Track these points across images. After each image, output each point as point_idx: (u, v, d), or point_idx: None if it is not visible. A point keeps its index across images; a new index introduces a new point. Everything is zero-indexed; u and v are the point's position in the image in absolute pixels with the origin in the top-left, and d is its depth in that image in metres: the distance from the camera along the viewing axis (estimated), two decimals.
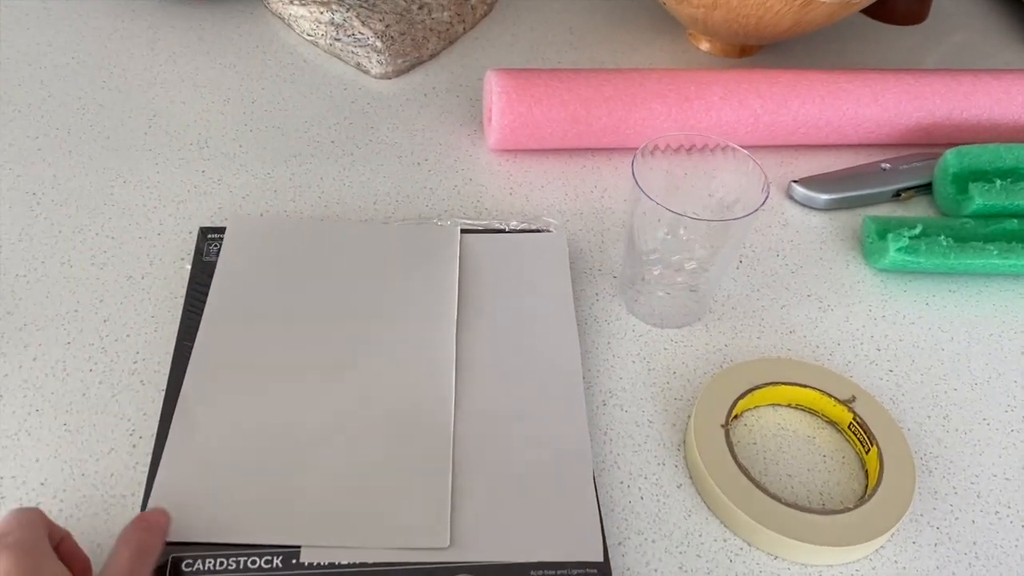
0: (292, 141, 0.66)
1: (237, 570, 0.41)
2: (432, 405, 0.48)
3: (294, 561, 0.41)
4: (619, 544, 0.45)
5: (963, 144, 0.65)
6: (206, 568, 0.41)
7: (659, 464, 0.48)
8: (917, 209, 0.66)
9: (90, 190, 0.61)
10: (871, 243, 0.60)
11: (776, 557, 0.44)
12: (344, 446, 0.46)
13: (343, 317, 0.52)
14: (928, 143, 0.70)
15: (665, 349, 0.54)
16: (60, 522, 0.43)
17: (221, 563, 0.41)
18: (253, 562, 0.41)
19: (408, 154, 0.66)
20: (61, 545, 0.38)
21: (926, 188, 0.66)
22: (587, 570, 0.42)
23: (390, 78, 0.73)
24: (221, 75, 0.72)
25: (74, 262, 0.56)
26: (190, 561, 0.41)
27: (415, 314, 0.53)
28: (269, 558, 0.41)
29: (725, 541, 0.45)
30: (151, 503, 0.43)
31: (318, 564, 0.41)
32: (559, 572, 0.42)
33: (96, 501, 0.44)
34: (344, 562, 0.41)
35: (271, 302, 0.52)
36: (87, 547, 0.41)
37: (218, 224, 0.58)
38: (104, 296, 0.54)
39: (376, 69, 0.73)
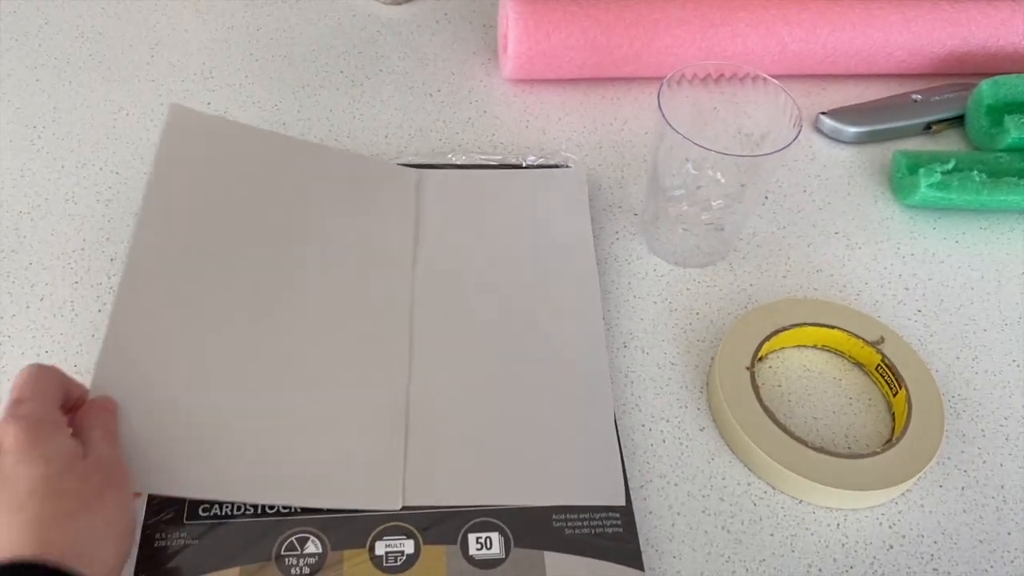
0: (299, 71, 0.64)
1: (256, 514, 0.40)
2: (386, 365, 0.46)
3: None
4: (641, 487, 0.44)
5: (999, 74, 0.62)
6: (224, 512, 0.40)
7: (682, 407, 0.47)
8: (949, 143, 0.64)
9: (92, 123, 0.58)
10: (901, 178, 0.58)
11: (801, 501, 0.44)
12: (291, 390, 0.43)
13: (296, 247, 0.48)
14: (962, 73, 0.67)
15: (688, 289, 0.53)
16: None
17: (239, 507, 0.40)
18: (271, 506, 0.41)
19: (419, 84, 0.64)
20: (78, 404, 0.39)
21: (959, 120, 0.64)
22: (609, 514, 0.42)
23: (400, 3, 0.70)
24: (225, 1, 0.69)
25: (78, 198, 0.54)
26: (207, 505, 0.40)
27: (372, 260, 0.49)
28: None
29: (749, 484, 0.44)
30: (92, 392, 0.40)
31: (337, 508, 0.41)
32: (581, 516, 0.42)
33: None
34: (363, 508, 0.41)
35: (214, 218, 0.47)
36: None
37: None
38: (111, 234, 0.52)
39: None
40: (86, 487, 0.34)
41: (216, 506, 0.40)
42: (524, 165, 0.57)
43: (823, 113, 0.63)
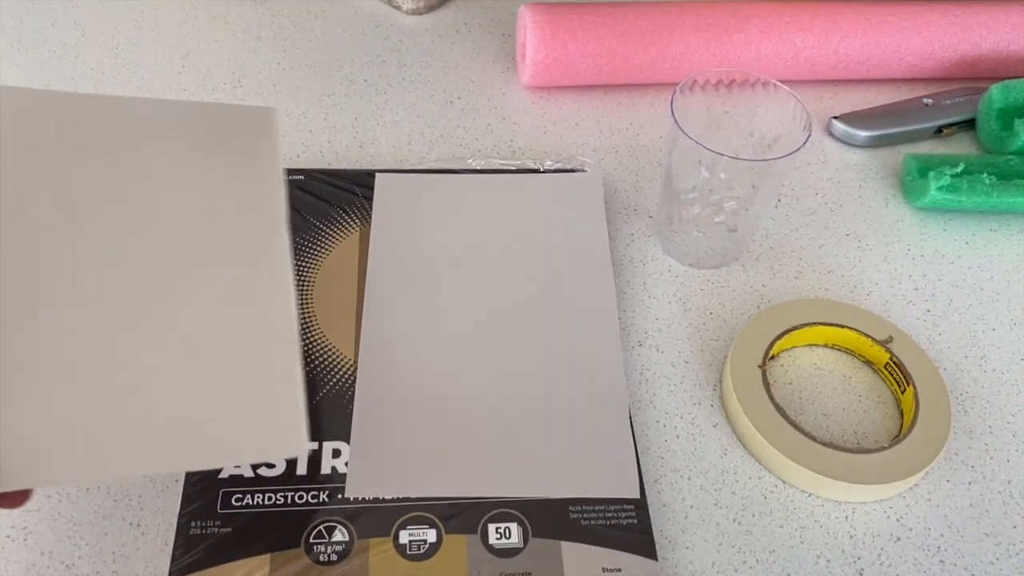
0: (325, 80, 0.66)
1: (286, 504, 0.42)
2: (267, 296, 0.41)
3: (340, 496, 0.43)
4: (655, 481, 0.45)
5: (1009, 78, 0.63)
6: (255, 502, 0.42)
7: (695, 404, 0.49)
8: (960, 146, 0.65)
9: None
10: (911, 181, 0.59)
11: (811, 495, 0.45)
12: (159, 342, 0.38)
13: (139, 214, 0.41)
14: (973, 77, 0.68)
15: (701, 290, 0.54)
16: None
17: (269, 497, 0.42)
18: (300, 496, 0.43)
19: (441, 92, 0.66)
20: None
21: (969, 124, 0.65)
22: (624, 506, 0.43)
23: (422, 13, 0.72)
24: (252, 12, 0.71)
25: None
26: (239, 495, 0.42)
27: (232, 213, 0.43)
28: (316, 493, 0.43)
29: (760, 479, 0.46)
30: None
31: (363, 499, 0.43)
32: (597, 508, 0.43)
33: None
34: (388, 497, 0.43)
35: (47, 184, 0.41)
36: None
37: None
38: None
39: (408, 4, 0.72)
40: None
41: (248, 495, 0.42)
42: (542, 169, 0.59)
43: (835, 117, 0.64)
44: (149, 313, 0.39)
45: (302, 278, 0.51)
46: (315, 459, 0.44)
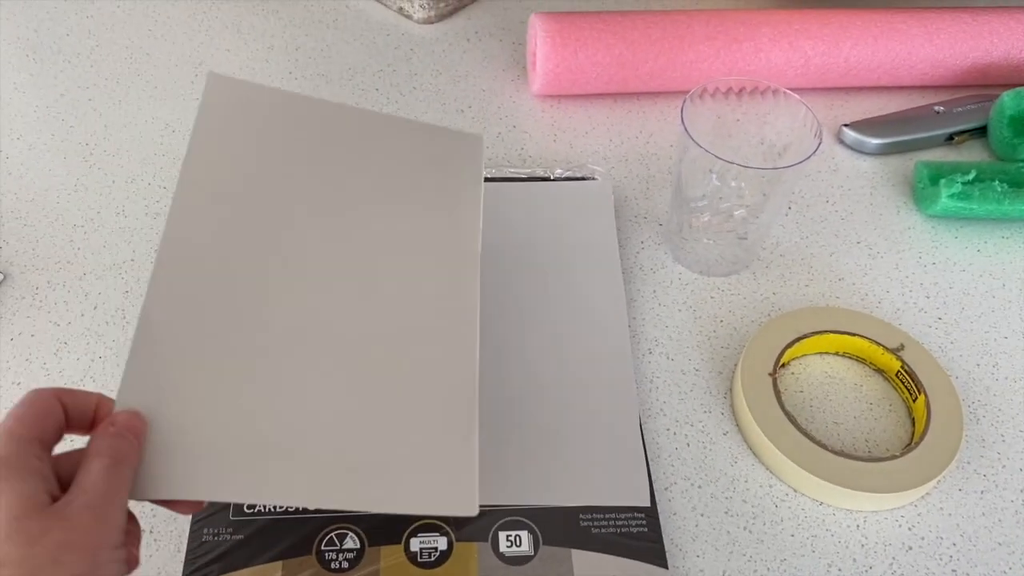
0: (337, 89, 0.66)
1: (298, 511, 0.42)
2: (452, 346, 0.41)
3: None
4: (666, 489, 0.45)
5: (1021, 86, 0.63)
6: (267, 510, 0.42)
7: (705, 412, 0.49)
8: (971, 153, 0.65)
9: (141, 140, 0.61)
10: (922, 189, 0.59)
11: (821, 503, 0.45)
12: (346, 384, 0.38)
13: (345, 224, 0.42)
14: (984, 84, 0.68)
15: (712, 297, 0.54)
16: None
17: (281, 505, 0.43)
18: None
19: (451, 100, 0.66)
20: (99, 420, 0.34)
21: (981, 131, 0.65)
22: (635, 514, 0.43)
23: (432, 23, 0.73)
24: (264, 22, 0.72)
25: (128, 212, 0.57)
26: (252, 503, 0.43)
27: (431, 236, 0.43)
28: None
29: (771, 487, 0.46)
30: (117, 403, 0.35)
31: None
32: (608, 516, 0.43)
33: None
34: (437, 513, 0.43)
35: (259, 194, 0.42)
36: None
37: None
38: (159, 246, 0.55)
39: (419, 13, 0.72)
40: (36, 551, 0.28)
41: (260, 503, 0.43)
42: (552, 178, 0.59)
43: (846, 125, 0.64)
44: (346, 335, 0.39)
45: None
46: None
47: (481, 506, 0.42)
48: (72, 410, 0.33)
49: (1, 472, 0.29)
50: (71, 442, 0.35)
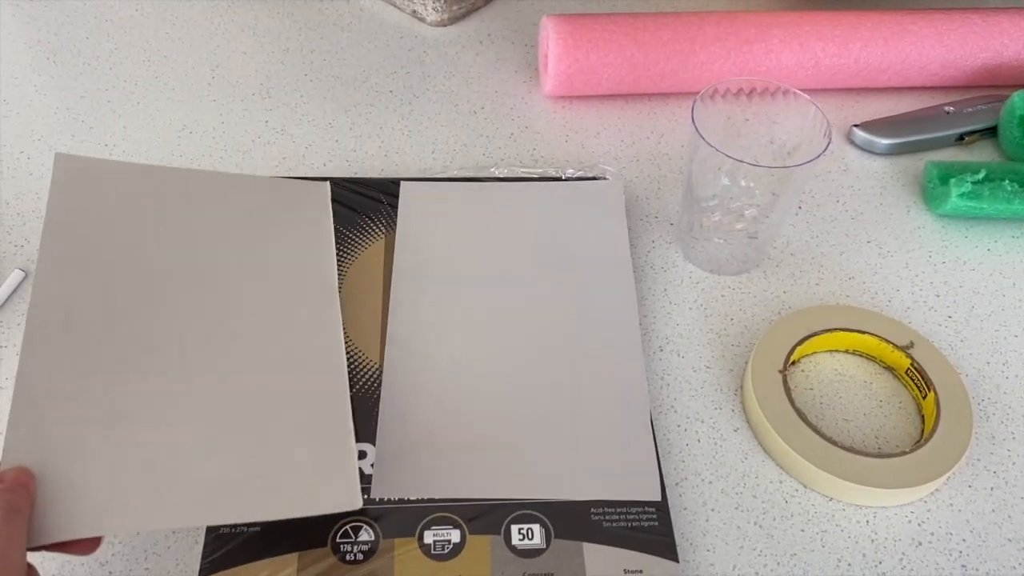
0: (351, 91, 0.67)
1: None
2: (321, 364, 0.45)
3: (365, 496, 0.44)
4: (677, 484, 0.46)
5: None
6: None
7: (716, 408, 0.49)
8: (981, 153, 0.65)
9: (158, 141, 0.62)
10: (932, 188, 0.59)
11: (831, 499, 0.45)
12: (224, 408, 0.42)
13: (206, 274, 0.46)
14: (994, 85, 0.68)
15: (722, 296, 0.55)
16: None
17: None
18: None
19: (464, 102, 0.67)
20: None
21: (991, 132, 0.65)
22: (646, 509, 0.44)
23: (445, 25, 0.74)
24: (280, 24, 0.73)
25: None
26: None
27: (290, 274, 0.48)
28: None
29: (781, 483, 0.46)
30: (3, 464, 0.38)
31: (388, 500, 0.43)
32: (619, 510, 0.44)
33: None
34: (412, 498, 0.44)
35: (120, 255, 0.45)
36: None
37: (282, 174, 0.60)
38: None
39: (432, 16, 0.73)
40: None
41: None
42: (564, 177, 0.60)
43: (856, 125, 0.65)
44: (217, 371, 0.43)
45: None
46: None
47: (495, 500, 0.44)
48: None
49: None
50: None
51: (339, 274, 0.52)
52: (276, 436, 0.42)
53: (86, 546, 0.38)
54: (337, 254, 0.53)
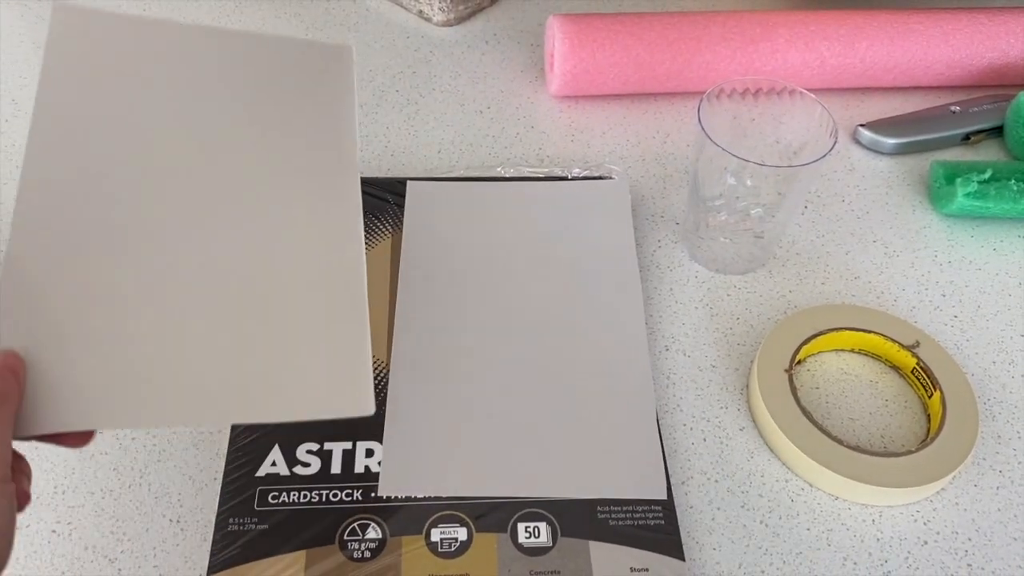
0: (357, 90, 0.67)
1: (321, 502, 0.43)
2: (336, 254, 0.40)
3: (373, 494, 0.44)
4: (682, 483, 0.46)
5: None
6: (291, 500, 0.43)
7: (722, 407, 0.49)
8: (987, 153, 0.65)
9: None
10: (938, 188, 0.59)
11: (837, 498, 0.46)
12: (230, 299, 0.38)
13: (213, 141, 0.42)
14: (1000, 84, 0.68)
15: (728, 295, 0.55)
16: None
17: (305, 495, 0.44)
18: (335, 495, 0.44)
19: (470, 102, 0.67)
20: None
21: (997, 131, 0.65)
22: (652, 507, 0.44)
23: (451, 25, 0.74)
24: (287, 24, 0.73)
25: None
26: (276, 493, 0.44)
27: (305, 148, 0.43)
28: (350, 491, 0.44)
29: (787, 482, 0.46)
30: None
31: (395, 498, 0.44)
32: (625, 508, 0.44)
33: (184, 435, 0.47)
34: (419, 496, 0.44)
35: (116, 119, 0.40)
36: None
37: None
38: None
39: (438, 16, 0.73)
40: None
41: (284, 493, 0.43)
42: (570, 177, 0.60)
43: (862, 125, 0.65)
44: (221, 255, 0.39)
45: None
46: (349, 458, 0.45)
47: (501, 498, 0.44)
48: None
49: None
50: None
51: None
52: (285, 331, 0.38)
53: (77, 439, 0.35)
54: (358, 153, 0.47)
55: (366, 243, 0.54)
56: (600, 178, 0.60)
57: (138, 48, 0.42)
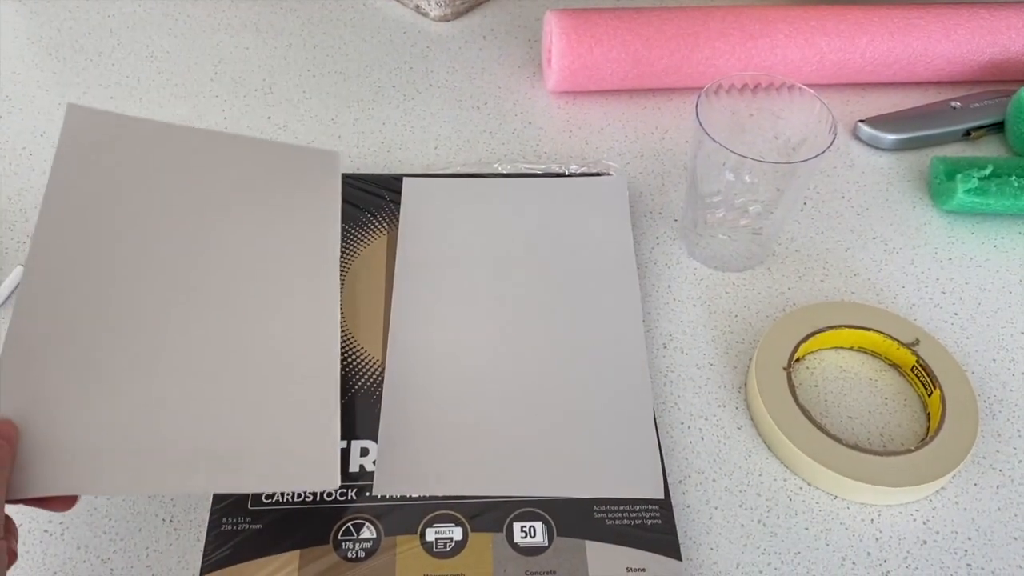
0: (354, 86, 0.67)
1: (315, 501, 0.43)
2: (314, 338, 0.45)
3: (368, 493, 0.43)
4: (680, 482, 0.46)
5: None
6: (285, 499, 0.43)
7: (720, 406, 0.49)
8: (988, 149, 0.64)
9: None
10: (939, 184, 0.59)
11: (836, 496, 0.45)
12: (212, 378, 0.42)
13: (205, 238, 0.45)
14: (1001, 80, 0.68)
15: (727, 292, 0.54)
16: None
17: (299, 496, 0.43)
18: (329, 494, 0.43)
19: (467, 98, 0.67)
20: None
21: (998, 127, 0.64)
22: (649, 506, 0.44)
23: (449, 20, 0.73)
24: (283, 20, 0.72)
25: None
26: (270, 493, 0.43)
27: (291, 244, 0.47)
28: (344, 490, 0.44)
29: (785, 480, 0.46)
30: None
31: (390, 497, 0.43)
32: (622, 508, 0.43)
33: None
34: (414, 495, 0.43)
35: (119, 214, 0.44)
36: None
37: None
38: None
39: (435, 11, 0.72)
40: None
41: (278, 493, 0.43)
42: (567, 173, 0.59)
43: (862, 121, 0.64)
44: (208, 338, 0.42)
45: None
46: (344, 458, 0.45)
47: (497, 497, 0.43)
48: None
49: None
50: None
51: (341, 270, 0.52)
52: (260, 409, 0.41)
53: (62, 503, 0.38)
54: (339, 250, 0.53)
55: (362, 240, 0.54)
56: (598, 174, 0.59)
57: (142, 146, 0.46)
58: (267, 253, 0.46)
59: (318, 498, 0.43)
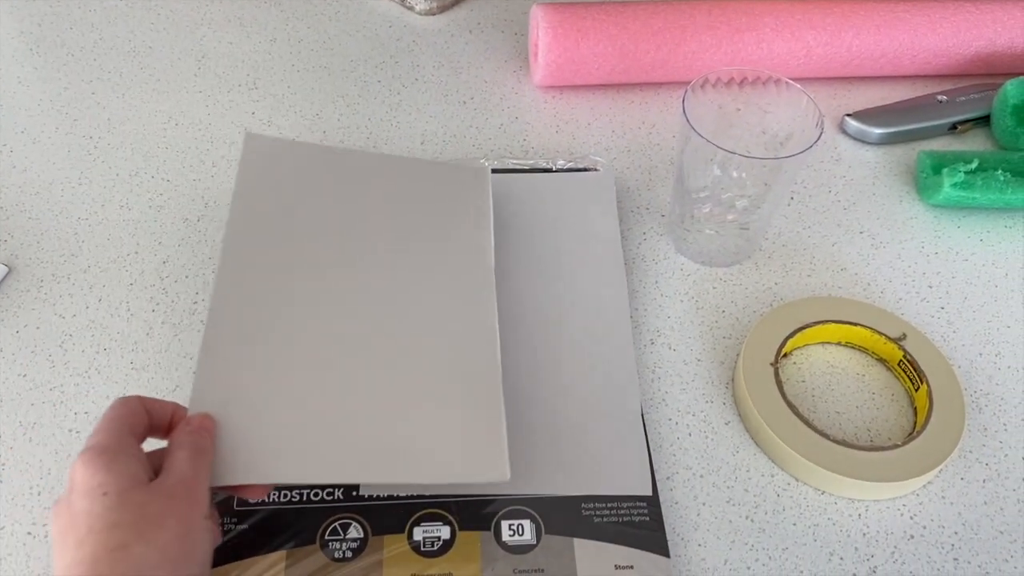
0: (339, 81, 0.66)
1: (302, 501, 0.43)
2: (475, 338, 0.46)
3: (354, 492, 0.43)
4: (668, 479, 0.46)
5: None
6: (271, 499, 0.43)
7: (707, 401, 0.49)
8: (974, 142, 0.64)
9: (144, 133, 0.62)
10: (925, 178, 0.59)
11: (823, 492, 0.45)
12: (385, 376, 0.44)
13: (373, 248, 0.49)
14: (988, 73, 0.68)
15: (714, 288, 0.54)
16: None
17: (285, 495, 0.43)
18: (316, 494, 0.43)
19: (454, 92, 0.66)
20: (174, 423, 0.39)
21: (984, 121, 0.64)
22: (637, 503, 0.43)
23: (434, 14, 0.73)
24: (267, 14, 0.72)
25: (132, 205, 0.57)
26: None
27: (449, 252, 0.50)
28: (331, 490, 0.43)
29: (773, 476, 0.46)
30: (190, 411, 0.40)
31: (377, 497, 0.43)
32: (610, 505, 0.43)
33: None
34: (402, 493, 0.43)
35: (296, 229, 0.48)
36: None
37: None
38: (162, 238, 0.55)
39: (421, 5, 0.72)
40: (143, 516, 0.34)
41: None
42: (554, 169, 0.59)
43: (848, 115, 0.64)
44: (380, 341, 0.45)
45: None
46: None
47: (484, 496, 0.43)
48: (153, 415, 0.39)
49: (110, 456, 0.35)
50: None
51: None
52: (431, 406, 0.43)
53: (256, 491, 0.40)
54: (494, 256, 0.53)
55: None
56: (585, 170, 0.59)
57: (314, 169, 0.51)
58: (431, 261, 0.49)
59: (305, 497, 0.43)
